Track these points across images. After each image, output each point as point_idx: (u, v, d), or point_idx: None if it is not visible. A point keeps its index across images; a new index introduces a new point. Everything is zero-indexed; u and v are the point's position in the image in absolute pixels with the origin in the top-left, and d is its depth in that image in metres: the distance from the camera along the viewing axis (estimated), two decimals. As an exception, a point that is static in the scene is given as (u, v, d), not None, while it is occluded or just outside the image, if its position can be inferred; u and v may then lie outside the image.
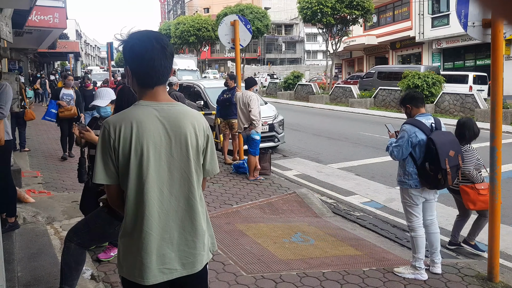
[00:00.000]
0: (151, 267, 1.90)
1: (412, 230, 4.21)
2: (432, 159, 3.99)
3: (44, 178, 7.45)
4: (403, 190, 4.25)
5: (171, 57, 1.96)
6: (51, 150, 10.11)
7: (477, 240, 5.44)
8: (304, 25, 53.75)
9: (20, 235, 4.75)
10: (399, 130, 4.27)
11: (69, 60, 31.42)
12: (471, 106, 17.95)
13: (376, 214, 6.49)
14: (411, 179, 4.15)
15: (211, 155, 2.09)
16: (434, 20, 28.59)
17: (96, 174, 1.90)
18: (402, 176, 4.22)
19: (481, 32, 4.22)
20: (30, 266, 4.02)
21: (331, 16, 26.90)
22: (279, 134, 10.57)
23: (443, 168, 3.95)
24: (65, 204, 5.95)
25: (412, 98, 4.30)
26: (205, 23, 44.66)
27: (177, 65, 26.37)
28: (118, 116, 1.93)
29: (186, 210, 1.96)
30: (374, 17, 32.30)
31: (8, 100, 4.68)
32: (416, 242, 4.18)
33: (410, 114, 4.31)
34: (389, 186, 7.89)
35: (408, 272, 4.18)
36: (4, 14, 7.75)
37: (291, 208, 6.47)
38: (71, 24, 42.57)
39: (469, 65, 27.77)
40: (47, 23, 12.71)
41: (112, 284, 3.74)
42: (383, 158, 10.01)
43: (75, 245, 3.19)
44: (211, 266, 4.20)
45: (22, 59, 19.07)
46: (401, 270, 4.23)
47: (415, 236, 4.18)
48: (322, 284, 4.01)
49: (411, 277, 4.14)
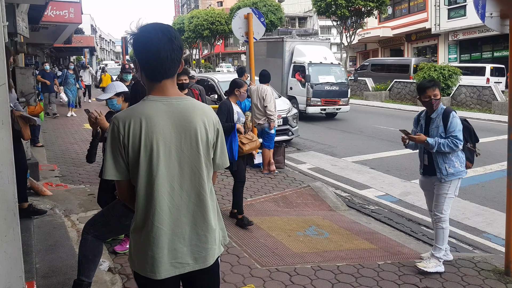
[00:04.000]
0: (163, 261, 1.90)
1: (444, 221, 4.14)
2: (470, 137, 4.25)
3: (61, 172, 7.55)
4: (454, 182, 4.12)
5: (179, 50, 1.92)
6: (67, 144, 10.23)
7: (494, 234, 5.39)
8: (318, 17, 53.26)
9: (38, 227, 4.83)
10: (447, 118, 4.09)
11: (84, 54, 31.69)
12: (488, 99, 17.67)
13: (391, 207, 6.45)
14: (464, 166, 4.17)
15: (221, 149, 2.08)
16: (451, 11, 28.10)
17: (106, 170, 1.90)
18: (459, 166, 4.11)
19: (499, 22, 4.14)
20: (48, 257, 4.09)
21: (346, 8, 26.66)
22: (293, 127, 10.54)
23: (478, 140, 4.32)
24: (82, 197, 6.03)
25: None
26: (219, 17, 44.66)
27: (305, 56, 15.92)
28: (127, 112, 1.92)
29: (197, 204, 1.96)
30: (389, 9, 31.89)
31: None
32: (445, 234, 4.15)
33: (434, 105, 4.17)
34: (404, 180, 7.82)
35: (432, 265, 4.12)
36: (20, 9, 7.84)
37: (305, 201, 6.46)
38: (86, 19, 42.90)
39: (486, 57, 27.28)
40: (63, 18, 12.82)
41: (128, 276, 3.78)
42: (398, 151, 9.93)
43: (92, 237, 3.23)
44: (225, 259, 4.23)
45: (38, 54, 19.27)
46: (425, 264, 4.15)
47: (446, 227, 4.14)
48: (336, 278, 4.00)
49: (434, 271, 4.08)
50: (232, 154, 5.11)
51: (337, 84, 15.53)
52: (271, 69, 17.24)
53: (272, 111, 7.64)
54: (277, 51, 16.79)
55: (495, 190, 6.86)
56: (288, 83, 16.30)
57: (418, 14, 30.71)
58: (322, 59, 16.04)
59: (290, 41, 16.71)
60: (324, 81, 15.37)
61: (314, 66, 15.59)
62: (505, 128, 4.12)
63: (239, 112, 5.48)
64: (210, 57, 59.14)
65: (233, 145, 5.14)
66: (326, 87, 15.29)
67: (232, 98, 5.48)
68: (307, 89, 15.17)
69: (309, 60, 15.71)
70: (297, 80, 15.73)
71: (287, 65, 16.37)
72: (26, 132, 4.73)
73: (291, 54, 16.39)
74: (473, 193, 7.00)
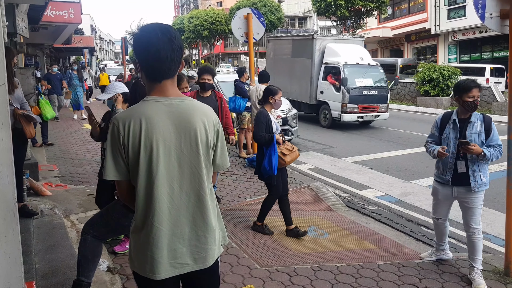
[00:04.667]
0: (162, 261, 1.90)
1: (480, 232, 3.94)
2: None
3: (60, 172, 7.55)
4: (481, 193, 3.93)
5: (179, 50, 1.92)
6: (67, 144, 10.23)
7: (494, 235, 5.38)
8: (317, 18, 53.27)
9: (38, 227, 4.82)
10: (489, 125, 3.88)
11: (84, 55, 31.67)
12: (488, 99, 17.67)
13: (390, 208, 6.45)
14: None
15: (222, 150, 2.07)
16: (450, 11, 28.11)
17: (106, 170, 1.90)
18: (487, 176, 3.91)
19: (499, 23, 4.13)
20: (48, 258, 4.08)
21: (345, 8, 26.67)
22: (292, 127, 10.54)
23: None
24: (81, 197, 6.03)
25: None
26: (219, 17, 44.66)
27: (339, 56, 14.07)
28: (127, 112, 1.91)
29: (197, 205, 1.96)
30: (389, 9, 31.89)
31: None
32: (481, 245, 3.98)
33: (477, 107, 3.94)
34: (404, 180, 7.82)
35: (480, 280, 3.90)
36: (20, 9, 7.84)
37: (305, 201, 6.46)
38: (86, 19, 42.90)
39: (486, 57, 27.28)
40: (62, 18, 12.81)
41: (128, 276, 3.78)
42: (398, 151, 9.94)
43: (91, 238, 3.23)
44: (225, 259, 4.23)
45: (38, 54, 19.26)
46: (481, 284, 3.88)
47: (482, 238, 3.98)
48: (336, 278, 4.00)
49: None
50: (272, 167, 4.67)
51: (376, 88, 13.68)
52: (297, 70, 15.72)
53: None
54: (305, 50, 15.05)
55: (495, 190, 6.86)
56: (318, 87, 14.54)
57: (418, 15, 30.72)
58: (358, 59, 14.12)
59: (321, 38, 14.92)
60: (362, 85, 13.50)
61: (350, 67, 13.69)
62: (505, 128, 4.11)
63: (276, 122, 5.12)
64: (209, 58, 59.15)
65: (272, 157, 4.69)
66: (364, 91, 13.44)
67: (267, 107, 5.02)
68: (343, 93, 13.32)
69: (344, 60, 13.77)
70: (330, 84, 13.94)
71: (316, 66, 14.63)
72: (28, 130, 4.74)
73: (321, 54, 14.64)
74: (472, 193, 6.99)
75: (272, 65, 17.37)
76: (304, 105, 15.40)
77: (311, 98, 14.74)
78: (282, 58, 16.85)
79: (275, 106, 5.07)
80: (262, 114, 4.94)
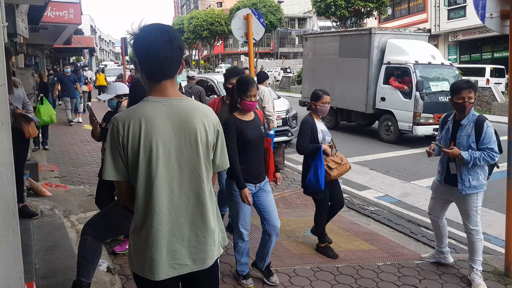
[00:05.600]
0: (162, 262, 1.90)
1: (480, 233, 3.92)
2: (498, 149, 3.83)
3: (60, 172, 7.55)
4: (480, 194, 3.89)
5: (179, 50, 1.92)
6: (67, 144, 10.24)
7: (494, 235, 5.38)
8: (317, 18, 53.32)
9: (38, 228, 4.83)
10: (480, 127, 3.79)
11: (84, 55, 31.67)
12: (488, 100, 17.67)
13: (390, 208, 6.45)
14: (486, 179, 3.91)
15: (221, 150, 2.07)
16: (450, 12, 28.14)
17: (106, 170, 1.90)
18: (483, 178, 3.86)
19: (499, 23, 4.13)
20: (48, 258, 4.09)
21: (345, 9, 26.66)
22: (292, 128, 10.53)
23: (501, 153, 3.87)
24: (81, 198, 6.03)
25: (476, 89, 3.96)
26: (218, 18, 44.70)
27: (407, 54, 11.53)
28: (126, 113, 1.91)
29: (196, 206, 1.96)
30: (389, 10, 31.89)
31: None
32: (482, 245, 3.94)
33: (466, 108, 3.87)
34: (404, 181, 7.82)
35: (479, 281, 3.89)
36: (20, 10, 7.85)
37: (304, 202, 6.46)
38: (86, 19, 42.88)
39: (486, 57, 27.31)
40: (62, 19, 12.84)
41: (128, 276, 3.78)
42: (397, 152, 9.94)
43: (91, 238, 3.23)
44: (225, 260, 4.23)
45: (38, 55, 19.29)
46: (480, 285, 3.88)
47: (482, 238, 3.94)
48: (336, 279, 4.00)
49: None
50: (318, 181, 4.26)
51: None
52: (347, 73, 13.02)
53: (271, 111, 7.63)
54: (359, 48, 12.63)
55: (495, 191, 6.86)
56: (378, 92, 12.05)
57: (418, 15, 30.73)
58: (429, 58, 11.68)
59: (381, 33, 12.39)
60: (438, 90, 11.14)
61: (422, 68, 11.28)
62: (505, 129, 4.11)
63: (324, 130, 4.52)
64: (209, 58, 59.18)
65: (319, 170, 4.26)
66: (441, 97, 10.98)
67: (314, 114, 4.51)
68: (416, 100, 10.86)
69: (414, 59, 11.32)
70: (395, 88, 11.50)
71: (375, 67, 12.14)
72: (27, 129, 4.75)
73: (381, 52, 12.19)
74: (472, 194, 6.99)
75: (311, 67, 15.05)
76: (357, 115, 12.98)
77: (367, 106, 12.23)
78: (325, 59, 14.18)
79: (319, 113, 4.50)
80: (305, 122, 4.44)
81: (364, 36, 12.46)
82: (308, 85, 15.03)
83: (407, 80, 11.21)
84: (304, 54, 15.92)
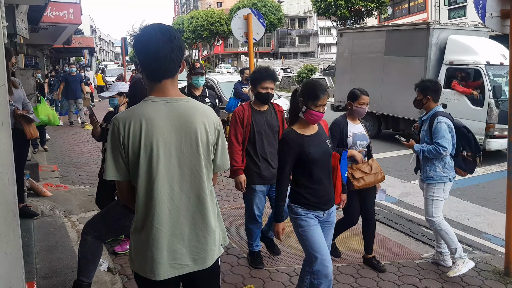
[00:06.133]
0: (162, 262, 1.91)
1: (438, 224, 4.08)
2: (469, 145, 4.15)
3: (61, 172, 7.55)
4: (438, 185, 4.08)
5: (179, 50, 1.91)
6: (67, 144, 10.24)
7: (494, 235, 5.39)
8: (317, 18, 53.30)
9: (38, 228, 4.83)
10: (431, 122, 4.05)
11: (84, 55, 31.68)
12: (488, 99, 17.59)
13: (390, 208, 6.45)
14: (451, 172, 4.10)
15: (222, 151, 2.07)
16: (451, 11, 28.12)
17: (107, 170, 1.90)
18: (441, 170, 4.06)
19: (499, 23, 4.14)
20: (48, 258, 4.09)
21: (346, 8, 26.71)
22: (292, 128, 10.44)
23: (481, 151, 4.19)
24: (82, 198, 6.03)
25: (436, 91, 4.18)
26: (218, 17, 44.73)
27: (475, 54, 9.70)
28: (127, 113, 1.92)
29: (197, 206, 1.96)
30: (389, 9, 31.90)
31: None
32: (449, 233, 4.06)
33: (424, 105, 4.21)
34: (404, 180, 7.82)
35: (460, 267, 4.02)
36: (20, 10, 7.85)
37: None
38: (86, 19, 42.93)
39: (486, 57, 27.27)
40: (62, 19, 12.84)
41: (128, 276, 3.78)
42: (397, 152, 9.94)
43: (91, 238, 3.24)
44: (225, 259, 4.23)
45: (38, 55, 19.28)
46: (454, 270, 4.03)
47: (446, 228, 4.07)
48: (336, 278, 4.00)
49: (466, 269, 4.01)
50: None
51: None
52: (396, 74, 11.15)
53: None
54: (412, 46, 10.82)
55: (495, 190, 6.87)
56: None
57: (418, 15, 30.70)
58: (501, 58, 9.65)
59: (440, 28, 10.51)
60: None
61: (495, 70, 9.42)
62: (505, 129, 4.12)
63: (358, 134, 4.01)
64: (209, 58, 59.24)
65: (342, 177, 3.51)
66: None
67: (349, 115, 4.07)
68: (490, 109, 9.05)
69: (485, 59, 9.46)
70: (460, 94, 9.65)
71: (432, 68, 10.38)
72: (28, 130, 4.75)
73: (439, 50, 10.40)
74: (473, 193, 7.00)
75: (347, 68, 13.02)
76: (408, 123, 10.71)
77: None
78: (367, 58, 12.20)
79: (355, 114, 4.03)
80: (334, 123, 4.01)
81: (420, 32, 10.59)
82: (343, 87, 12.69)
83: (472, 84, 9.57)
84: (339, 52, 13.80)
